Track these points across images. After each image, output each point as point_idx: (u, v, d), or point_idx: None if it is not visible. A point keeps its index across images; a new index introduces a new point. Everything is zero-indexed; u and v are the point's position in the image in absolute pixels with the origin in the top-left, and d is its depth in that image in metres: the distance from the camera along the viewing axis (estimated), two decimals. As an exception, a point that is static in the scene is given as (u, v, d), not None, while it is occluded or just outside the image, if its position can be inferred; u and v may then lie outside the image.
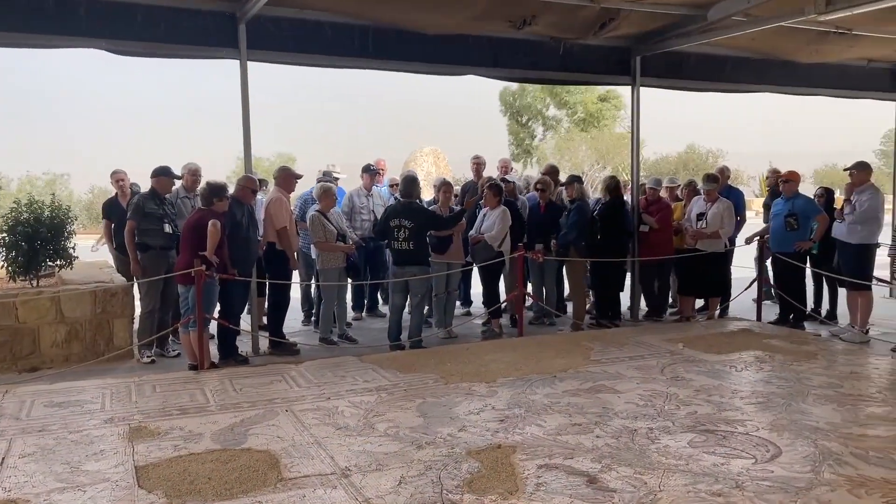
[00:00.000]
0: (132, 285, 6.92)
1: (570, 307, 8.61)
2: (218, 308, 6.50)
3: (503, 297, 8.16)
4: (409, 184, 7.29)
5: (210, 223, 5.99)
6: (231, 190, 6.63)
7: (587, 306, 8.59)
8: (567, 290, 8.88)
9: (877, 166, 32.64)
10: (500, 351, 6.61)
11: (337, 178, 8.44)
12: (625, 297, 8.53)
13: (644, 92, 8.71)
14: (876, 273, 7.64)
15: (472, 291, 9.15)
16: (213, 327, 6.71)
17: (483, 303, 8.06)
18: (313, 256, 7.57)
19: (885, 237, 7.56)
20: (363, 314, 8.95)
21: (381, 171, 8.93)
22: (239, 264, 6.49)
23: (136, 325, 6.94)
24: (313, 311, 8.26)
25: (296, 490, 3.56)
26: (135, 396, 5.27)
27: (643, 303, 8.78)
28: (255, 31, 6.66)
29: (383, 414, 4.76)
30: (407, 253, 7.08)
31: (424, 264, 7.22)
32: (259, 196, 7.48)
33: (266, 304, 7.52)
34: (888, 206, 9.26)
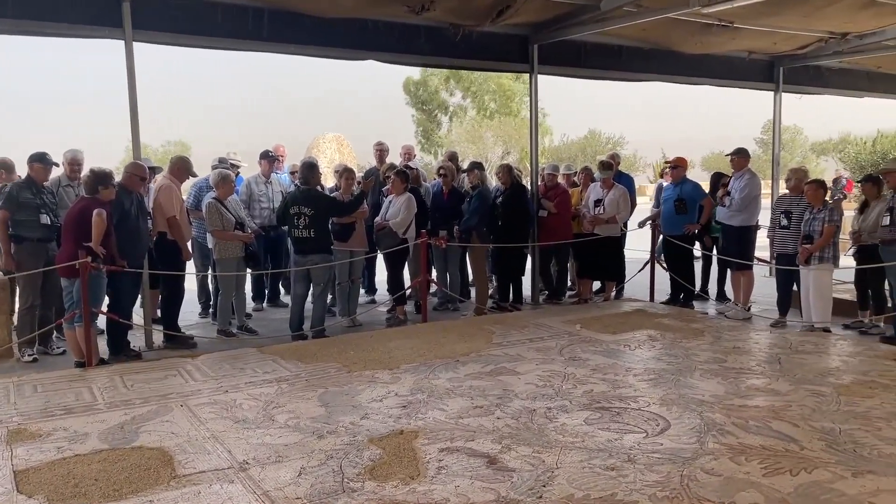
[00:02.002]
0: (10, 280, 6.48)
1: (473, 292, 8.72)
2: (106, 302, 6.18)
3: (408, 284, 8.17)
4: (309, 170, 7.15)
5: (95, 212, 5.67)
6: (118, 178, 6.30)
7: (490, 291, 8.72)
8: (471, 276, 8.98)
9: (757, 154, 34.75)
10: (403, 337, 6.61)
11: (236, 167, 8.18)
12: (526, 281, 8.72)
13: (551, 78, 8.90)
14: (756, 253, 8.12)
15: (377, 279, 9.11)
16: (101, 322, 6.39)
17: (388, 290, 8.04)
18: (209, 246, 7.31)
19: (764, 219, 8.03)
20: (264, 304, 8.74)
21: (280, 158, 8.72)
22: (128, 255, 6.18)
23: (15, 322, 6.51)
24: (211, 303, 8.00)
25: (190, 487, 3.44)
26: (13, 397, 4.94)
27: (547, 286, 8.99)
28: (140, 10, 6.32)
29: (284, 405, 4.66)
30: (308, 241, 6.95)
31: (326, 252, 7.11)
32: (152, 184, 7.15)
33: (159, 296, 7.22)
34: (766, 190, 9.88)
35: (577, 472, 3.52)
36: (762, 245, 8.04)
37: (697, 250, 8.51)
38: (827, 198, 7.25)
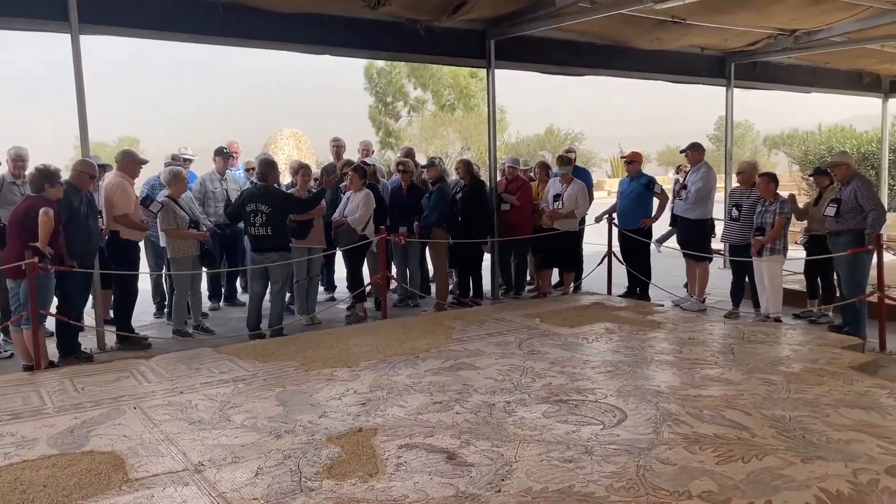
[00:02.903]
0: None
1: (434, 288, 8.71)
2: (56, 303, 6.02)
3: (367, 280, 8.13)
4: (266, 167, 7.05)
5: (41, 211, 5.51)
6: (66, 175, 6.13)
7: (451, 287, 8.74)
8: (431, 272, 8.98)
9: (711, 150, 35.45)
10: (363, 335, 6.57)
11: (188, 160, 8.03)
12: (486, 276, 8.75)
13: (511, 74, 8.95)
14: (712, 246, 8.28)
15: (336, 276, 9.05)
16: (50, 324, 6.21)
17: (347, 287, 7.99)
18: (162, 245, 7.17)
19: (718, 213, 8.19)
20: (221, 304, 8.62)
21: (234, 154, 8.59)
22: (78, 255, 6.02)
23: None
24: (166, 303, 7.85)
25: (143, 490, 3.36)
26: (-42, 404, 4.77)
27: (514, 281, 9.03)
28: (88, 2, 6.16)
29: (240, 405, 4.59)
30: (265, 238, 6.86)
31: (284, 250, 7.03)
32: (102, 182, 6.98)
33: (112, 296, 7.05)
34: (720, 184, 10.07)
35: (535, 464, 3.54)
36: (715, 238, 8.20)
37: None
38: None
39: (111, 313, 7.05)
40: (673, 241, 8.46)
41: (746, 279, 7.52)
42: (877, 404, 4.32)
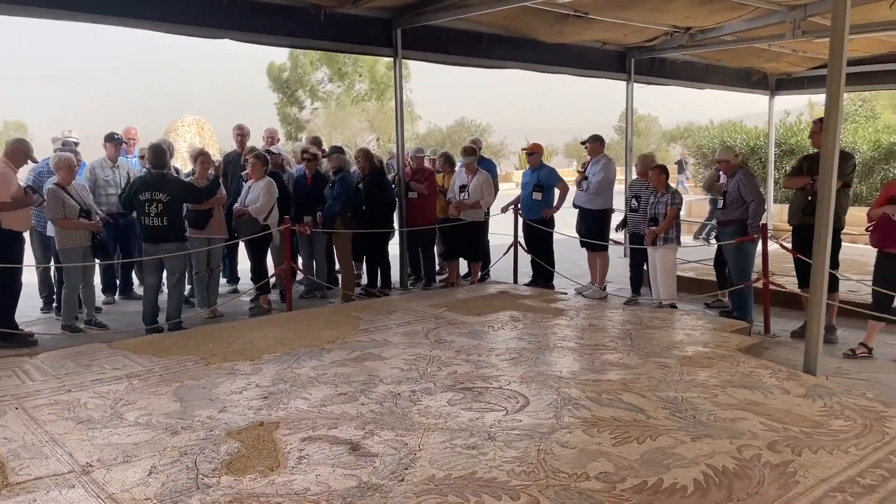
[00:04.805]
0: None
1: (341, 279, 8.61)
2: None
3: (272, 272, 7.95)
4: (160, 153, 6.75)
5: None
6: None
7: (361, 277, 8.66)
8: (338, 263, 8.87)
9: (616, 141, 36.59)
10: (267, 327, 6.42)
11: (76, 143, 7.60)
12: (395, 266, 8.72)
13: (422, 65, 8.87)
14: (612, 236, 8.54)
15: (239, 268, 8.80)
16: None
17: (251, 279, 7.79)
18: (50, 235, 6.76)
19: (618, 203, 8.46)
20: (115, 297, 8.22)
21: (129, 141, 8.19)
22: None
23: None
24: (54, 297, 7.42)
25: (25, 495, 3.16)
26: None
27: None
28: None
29: (134, 402, 4.40)
30: (161, 229, 6.59)
31: (181, 240, 6.77)
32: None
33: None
34: (621, 176, 10.41)
35: (438, 452, 3.55)
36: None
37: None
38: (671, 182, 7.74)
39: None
40: (572, 230, 8.65)
41: (645, 267, 7.81)
42: (760, 384, 4.58)
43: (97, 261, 7.08)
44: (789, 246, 6.64)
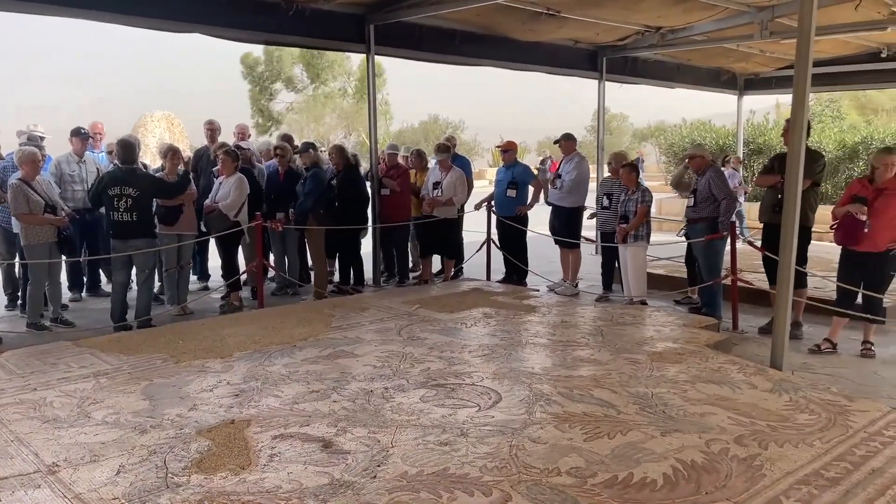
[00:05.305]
0: None
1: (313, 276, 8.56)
2: None
3: (243, 268, 7.87)
4: (128, 148, 6.64)
5: None
6: None
7: (333, 274, 8.62)
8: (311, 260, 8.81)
9: (589, 140, 36.85)
10: (238, 325, 6.36)
11: (42, 138, 7.46)
12: (368, 263, 8.69)
13: (398, 62, 8.87)
14: (584, 233, 8.61)
15: (210, 265, 8.71)
16: None
17: (221, 276, 7.71)
18: (15, 231, 6.63)
19: (591, 202, 8.52)
20: (83, 294, 8.09)
21: (96, 136, 8.06)
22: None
23: None
24: (19, 294, 7.28)
25: (-12, 497, 3.10)
26: None
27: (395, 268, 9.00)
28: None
29: (102, 401, 4.33)
30: (130, 225, 6.49)
31: (150, 237, 6.68)
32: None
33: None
34: (593, 174, 10.49)
35: (411, 449, 3.56)
36: (589, 225, 8.53)
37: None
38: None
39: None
40: (545, 228, 8.70)
41: (616, 265, 7.88)
42: (728, 379, 4.65)
43: (63, 257, 6.96)
44: (758, 244, 6.74)
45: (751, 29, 8.97)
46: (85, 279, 8.17)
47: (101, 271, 8.35)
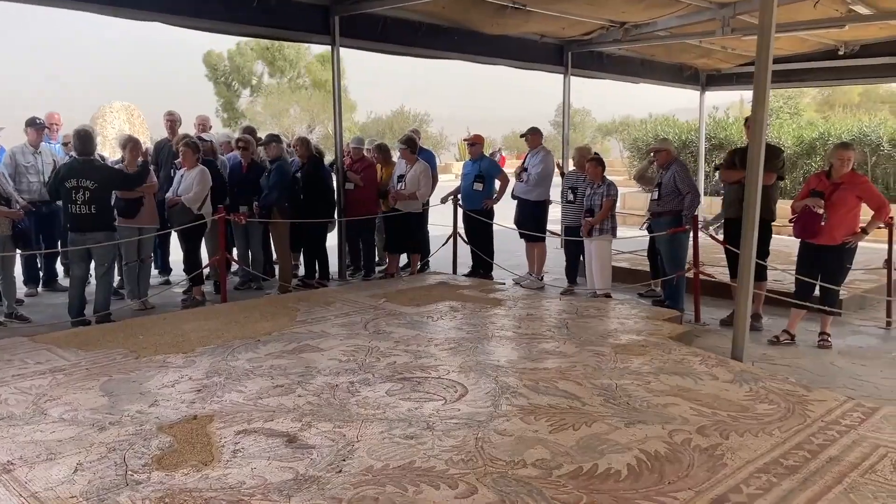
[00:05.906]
0: None
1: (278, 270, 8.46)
2: None
3: (206, 262, 7.75)
4: (86, 139, 6.47)
5: None
6: None
7: (298, 268, 8.54)
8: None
9: (553, 135, 37.07)
10: (200, 319, 6.25)
11: (-2, 130, 7.26)
12: (333, 257, 8.62)
13: (363, 53, 8.85)
14: (549, 227, 8.65)
15: (172, 258, 8.55)
16: None
17: (183, 270, 7.58)
18: (-33, 224, 6.43)
19: (556, 195, 8.57)
20: (39, 289, 7.89)
21: (52, 127, 7.85)
22: None
23: None
24: (-28, 289, 7.06)
25: (-61, 498, 3.01)
26: None
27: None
28: None
29: (59, 398, 4.22)
30: (88, 217, 6.33)
31: (110, 230, 6.53)
32: None
33: None
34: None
35: (377, 443, 3.54)
36: (554, 219, 8.58)
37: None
38: None
39: None
40: (510, 221, 8.72)
41: (582, 258, 7.93)
42: (691, 371, 4.72)
43: (17, 251, 6.77)
44: (719, 237, 6.84)
45: (712, 25, 9.09)
46: (41, 273, 7.97)
47: (58, 265, 8.14)
